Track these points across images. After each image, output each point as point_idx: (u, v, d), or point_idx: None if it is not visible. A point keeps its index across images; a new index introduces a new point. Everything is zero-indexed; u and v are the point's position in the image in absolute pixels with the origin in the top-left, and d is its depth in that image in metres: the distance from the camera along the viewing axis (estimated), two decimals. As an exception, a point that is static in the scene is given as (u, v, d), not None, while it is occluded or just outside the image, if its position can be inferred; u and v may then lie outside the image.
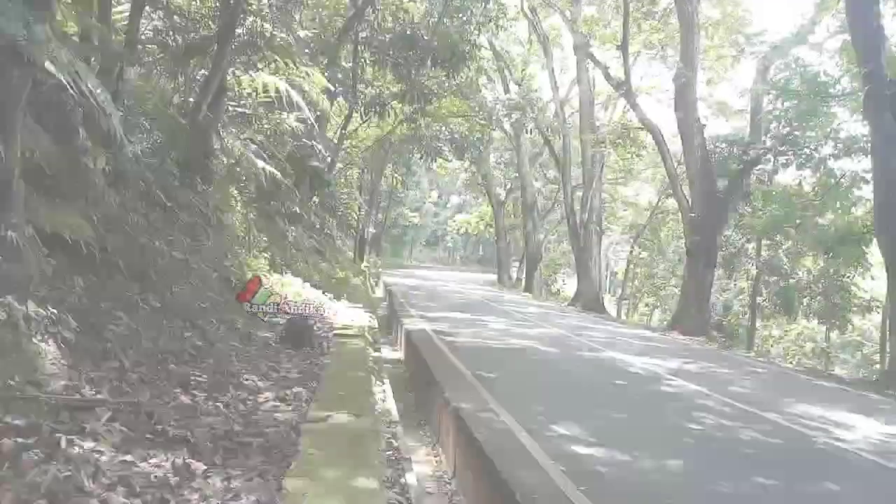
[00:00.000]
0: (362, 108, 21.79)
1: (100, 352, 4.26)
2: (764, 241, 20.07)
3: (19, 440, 2.82)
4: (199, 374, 4.83)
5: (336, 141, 22.64)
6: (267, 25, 9.19)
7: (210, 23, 9.15)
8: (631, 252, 35.78)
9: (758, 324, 22.62)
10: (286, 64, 10.44)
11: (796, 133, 17.50)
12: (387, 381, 7.53)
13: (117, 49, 6.81)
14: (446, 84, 22.81)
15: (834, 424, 6.74)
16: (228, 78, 9.36)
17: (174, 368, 4.73)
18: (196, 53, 8.72)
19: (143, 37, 8.52)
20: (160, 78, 9.60)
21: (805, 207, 17.42)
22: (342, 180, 28.24)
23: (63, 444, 2.86)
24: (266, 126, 12.30)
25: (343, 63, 19.74)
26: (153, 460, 3.12)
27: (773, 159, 18.85)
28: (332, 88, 14.78)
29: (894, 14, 15.90)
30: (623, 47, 22.11)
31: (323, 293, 11.86)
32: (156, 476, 2.96)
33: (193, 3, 9.48)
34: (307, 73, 11.24)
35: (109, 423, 3.28)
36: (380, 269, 37.28)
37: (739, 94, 22.02)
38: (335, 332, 8.33)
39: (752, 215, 19.24)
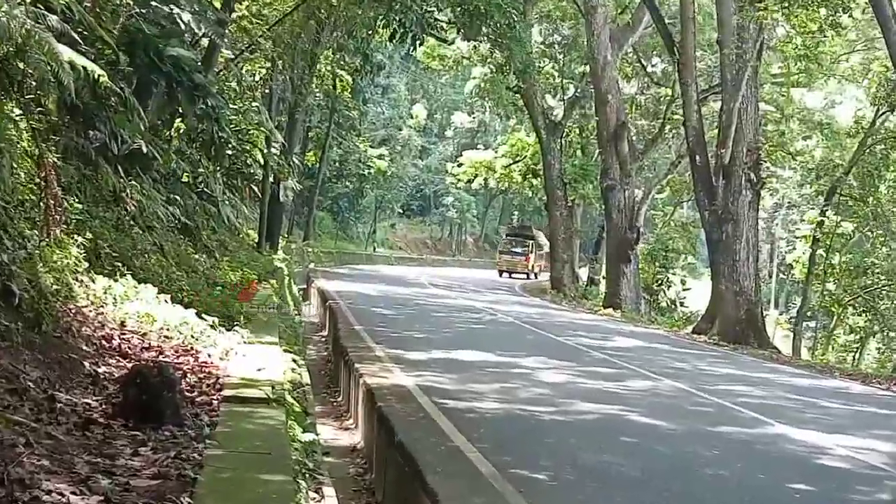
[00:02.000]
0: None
1: None
2: None
3: None
4: (-49, 481, 4.86)
5: (219, 5, 22.58)
6: None
7: None
8: (820, 224, 35.71)
9: None
10: None
11: None
12: (330, 489, 7.57)
13: None
14: None
15: None
16: None
17: None
18: None
19: None
20: None
21: None
22: (233, 85, 28.18)
23: None
24: (76, -23, 12.25)
25: None
26: None
27: None
28: None
29: None
30: None
31: (198, 315, 11.90)
32: None
33: None
34: None
35: None
36: (312, 264, 37.35)
37: None
38: (225, 393, 8.36)
39: None
